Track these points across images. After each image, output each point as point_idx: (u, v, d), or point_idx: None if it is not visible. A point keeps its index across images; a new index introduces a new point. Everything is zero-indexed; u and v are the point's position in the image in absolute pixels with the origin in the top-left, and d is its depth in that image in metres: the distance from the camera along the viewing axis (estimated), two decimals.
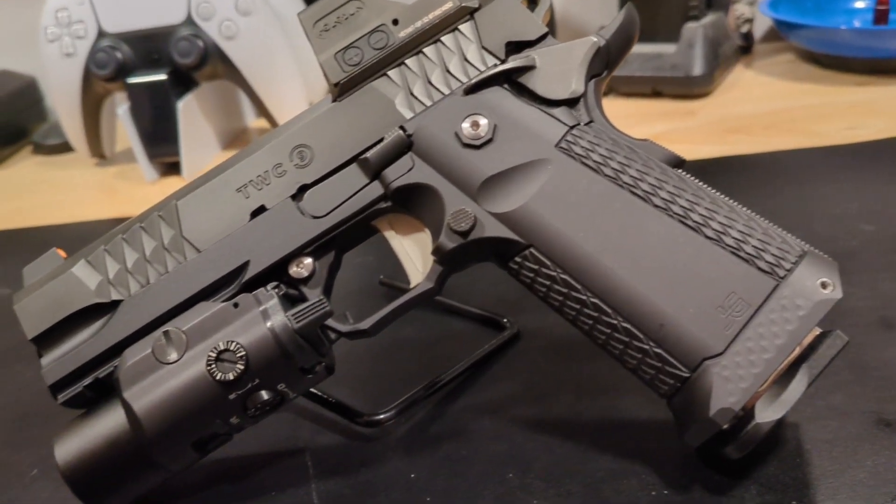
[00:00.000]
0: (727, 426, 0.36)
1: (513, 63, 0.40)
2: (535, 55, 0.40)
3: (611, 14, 0.96)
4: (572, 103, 0.40)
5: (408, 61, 0.42)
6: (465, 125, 0.40)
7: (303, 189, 0.41)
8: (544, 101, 0.40)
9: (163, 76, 0.84)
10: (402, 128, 0.41)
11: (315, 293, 0.41)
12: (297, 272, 0.41)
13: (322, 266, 0.42)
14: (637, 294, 0.37)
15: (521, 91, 0.40)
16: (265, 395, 0.39)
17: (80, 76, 0.86)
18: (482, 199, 0.39)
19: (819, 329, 0.37)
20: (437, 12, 0.41)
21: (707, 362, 0.36)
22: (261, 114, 0.89)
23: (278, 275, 0.41)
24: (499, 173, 0.39)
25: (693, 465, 0.40)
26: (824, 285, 0.36)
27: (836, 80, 0.89)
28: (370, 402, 0.47)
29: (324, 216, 0.41)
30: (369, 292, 0.60)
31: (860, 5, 1.00)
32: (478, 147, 0.40)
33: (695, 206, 0.38)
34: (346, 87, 0.42)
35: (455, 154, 0.40)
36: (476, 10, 0.42)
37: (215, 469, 0.44)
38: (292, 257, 0.41)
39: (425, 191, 0.40)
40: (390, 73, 0.42)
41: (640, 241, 0.37)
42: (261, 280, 0.41)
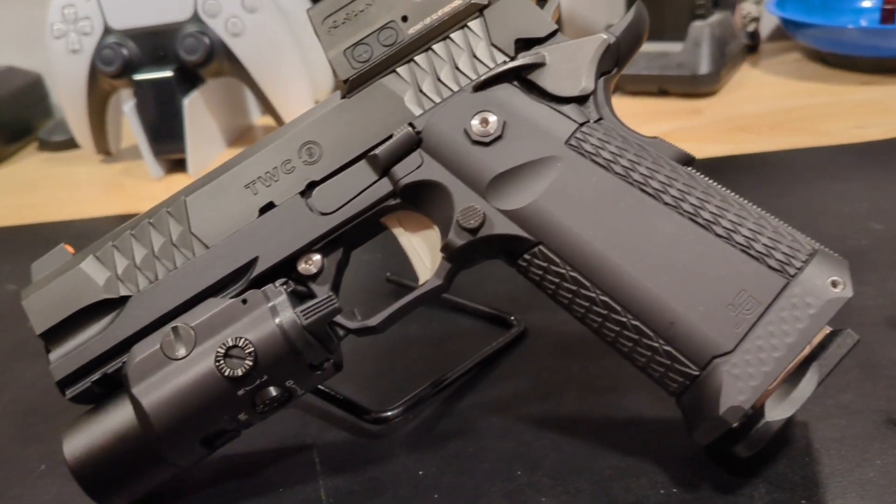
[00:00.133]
0: (737, 424, 0.36)
1: (522, 60, 0.40)
2: (545, 52, 0.40)
3: (617, 13, 0.96)
4: (582, 100, 0.40)
5: (417, 58, 0.41)
6: (475, 122, 0.40)
7: (311, 186, 0.41)
8: (554, 99, 0.40)
9: (169, 73, 0.84)
10: (411, 125, 0.41)
11: (323, 290, 0.41)
12: (305, 269, 0.41)
13: (330, 263, 0.41)
14: (647, 291, 0.37)
15: (530, 88, 0.40)
16: (273, 391, 0.39)
17: (87, 73, 0.86)
18: (491, 196, 0.39)
19: (829, 327, 0.37)
20: (446, 9, 0.41)
21: (717, 360, 0.36)
22: (266, 111, 0.89)
23: (287, 271, 0.41)
24: (508, 170, 0.39)
25: (702, 464, 0.39)
26: (835, 284, 0.36)
27: (843, 79, 0.89)
28: (377, 400, 0.47)
29: (332, 213, 0.41)
30: (376, 290, 0.60)
31: (867, 4, 1.00)
32: (487, 144, 0.40)
33: (705, 204, 0.38)
34: (355, 83, 0.42)
35: (464, 151, 0.40)
36: (485, 6, 0.41)
37: (223, 465, 0.44)
38: (301, 254, 0.41)
39: (434, 188, 0.40)
40: (399, 69, 0.42)
41: (650, 239, 0.37)
42: (269, 276, 0.41)
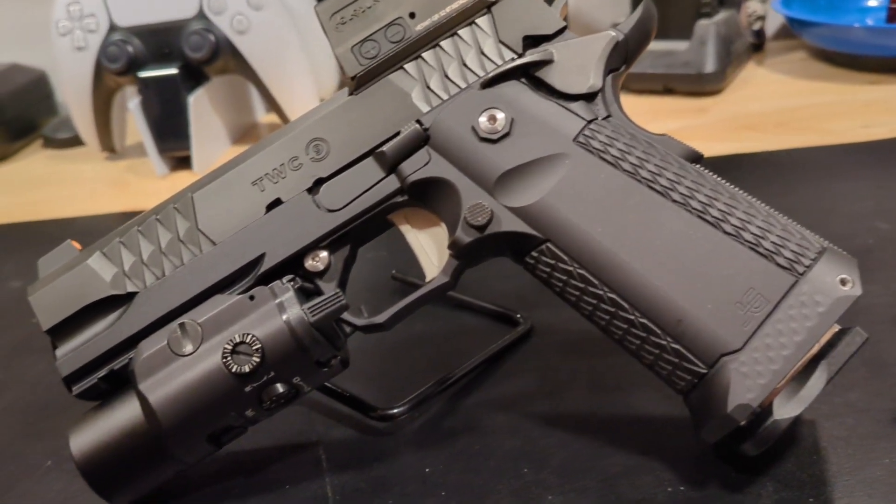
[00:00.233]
0: (744, 422, 0.36)
1: (530, 57, 0.40)
2: (553, 49, 0.40)
3: (622, 11, 0.96)
4: (590, 98, 0.40)
5: (424, 55, 0.41)
6: (482, 119, 0.40)
7: (319, 182, 0.41)
8: (562, 96, 0.40)
9: (174, 70, 0.84)
10: (418, 121, 0.41)
11: (330, 287, 0.41)
12: (312, 265, 0.41)
13: (337, 260, 0.41)
14: (655, 289, 0.37)
15: (538, 85, 0.40)
16: (280, 388, 0.38)
17: (92, 70, 0.86)
18: (499, 194, 0.39)
19: (838, 326, 0.37)
20: (454, 6, 0.41)
21: (725, 358, 0.36)
22: (271, 109, 0.89)
23: (294, 268, 0.41)
24: (516, 167, 0.39)
25: (709, 462, 0.39)
26: (843, 282, 0.36)
27: (849, 78, 0.89)
28: (383, 397, 0.46)
29: (339, 210, 0.41)
30: (382, 287, 0.60)
31: (873, 4, 1.00)
32: (495, 141, 0.40)
33: (713, 202, 0.37)
34: (362, 80, 0.41)
35: (472, 148, 0.40)
36: (493, 3, 0.41)
37: (229, 462, 0.44)
38: (308, 250, 0.41)
39: (442, 185, 0.40)
40: (407, 66, 0.41)
41: (659, 237, 0.37)
42: (276, 273, 0.41)
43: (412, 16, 0.41)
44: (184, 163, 0.89)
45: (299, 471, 0.43)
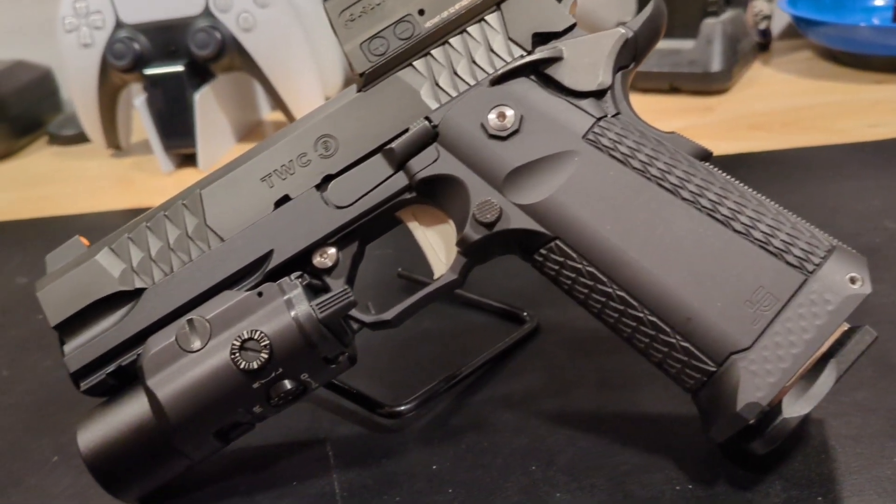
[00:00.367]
0: (753, 421, 0.36)
1: (540, 54, 0.40)
2: (563, 46, 0.40)
3: (628, 9, 0.96)
4: (599, 95, 0.40)
5: (434, 52, 0.41)
6: (492, 116, 0.40)
7: (327, 179, 0.41)
8: (571, 93, 0.40)
9: (180, 67, 0.84)
10: (427, 118, 0.40)
11: (338, 283, 0.41)
12: (320, 262, 0.41)
13: (345, 256, 0.41)
14: (664, 287, 0.37)
15: (547, 82, 0.40)
16: (288, 384, 0.38)
17: (98, 67, 0.86)
18: (508, 191, 0.39)
19: (847, 324, 0.37)
20: (463, 2, 0.41)
21: (734, 356, 0.36)
22: (277, 106, 0.89)
23: (302, 264, 0.41)
24: (525, 164, 0.39)
25: (717, 460, 0.39)
26: (853, 280, 0.36)
27: (856, 77, 0.88)
28: (390, 394, 0.46)
29: (348, 206, 0.41)
30: (387, 285, 0.59)
31: (879, 3, 1.00)
32: (504, 138, 0.39)
33: (723, 200, 0.37)
34: (371, 77, 0.41)
35: (481, 145, 0.40)
36: (503, 0, 0.41)
37: (237, 458, 0.44)
38: (316, 247, 0.41)
39: (450, 182, 0.40)
40: (416, 63, 0.41)
41: (668, 234, 0.37)
42: (284, 269, 0.41)
43: (421, 13, 0.41)
44: (189, 160, 0.89)
45: (307, 467, 0.43)
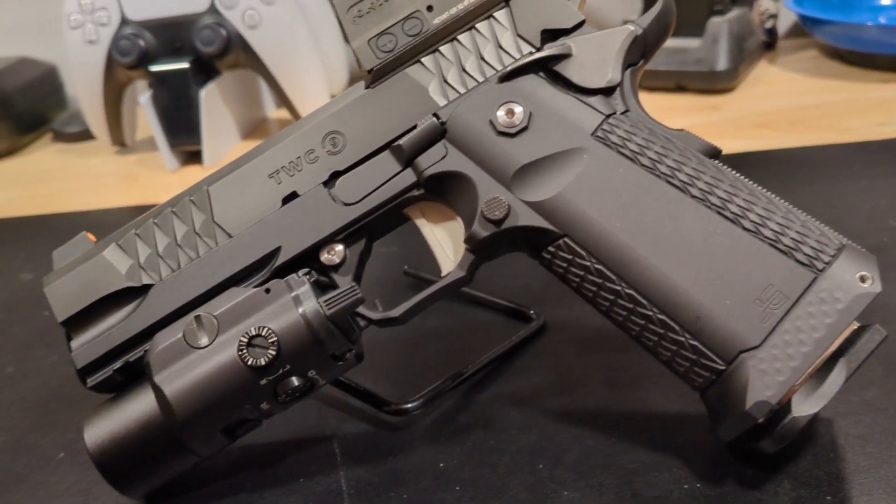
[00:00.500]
0: (762, 419, 0.36)
1: (548, 51, 0.40)
2: (572, 43, 0.40)
3: (634, 7, 0.96)
4: (608, 92, 0.40)
5: (442, 48, 0.41)
6: (500, 113, 0.40)
7: (335, 176, 0.41)
8: (580, 90, 0.40)
9: (185, 64, 0.84)
10: (435, 115, 0.40)
11: (346, 280, 0.41)
12: (328, 259, 0.41)
13: (353, 253, 0.41)
14: (673, 285, 0.37)
15: (556, 79, 0.40)
16: (296, 381, 0.38)
17: (103, 63, 0.85)
18: (516, 188, 0.39)
19: (857, 323, 0.37)
20: None
21: (743, 355, 0.36)
22: (282, 104, 0.89)
23: (309, 261, 0.41)
24: (533, 161, 0.39)
25: (726, 459, 0.39)
26: (863, 279, 0.36)
27: (862, 76, 0.88)
28: (396, 392, 0.46)
29: (356, 203, 0.41)
30: (393, 282, 0.59)
31: (886, 2, 0.99)
32: (512, 135, 0.39)
33: (732, 198, 0.37)
34: (379, 73, 0.41)
35: (489, 142, 0.40)
36: None
37: (243, 455, 0.44)
38: (324, 244, 0.41)
39: (459, 179, 0.40)
40: (424, 59, 0.41)
41: (677, 232, 0.37)
42: (292, 266, 0.41)
43: (430, 9, 0.41)
44: (194, 157, 0.89)
45: (313, 464, 0.43)
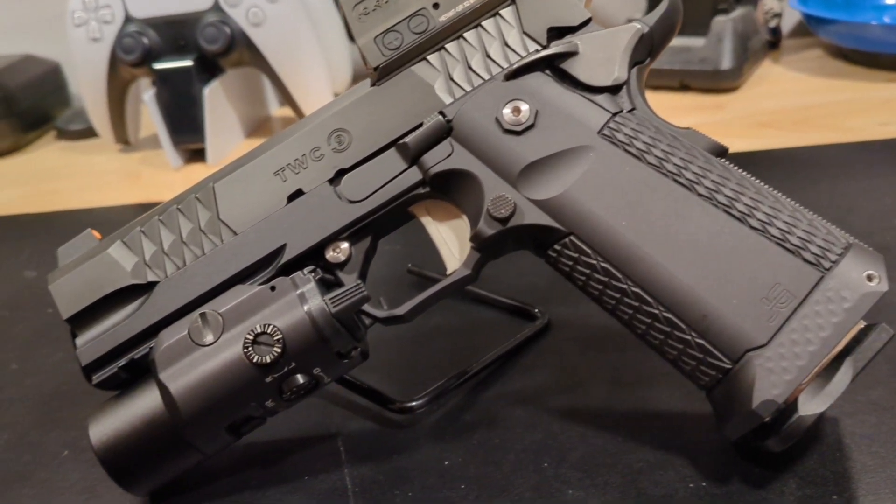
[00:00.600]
0: (769, 418, 0.35)
1: (555, 49, 0.40)
2: (578, 41, 0.40)
3: (638, 6, 0.96)
4: (615, 90, 0.40)
5: (448, 46, 0.41)
6: (506, 111, 0.39)
7: (340, 173, 0.41)
8: (586, 88, 0.40)
9: (189, 62, 0.84)
10: (441, 113, 0.40)
11: (351, 278, 0.41)
12: (333, 256, 0.41)
13: (358, 251, 0.41)
14: (679, 284, 0.37)
15: (562, 77, 0.40)
16: (301, 378, 0.38)
17: (107, 61, 0.85)
18: (522, 186, 0.39)
19: (864, 322, 0.36)
20: None
21: (750, 354, 0.36)
22: (285, 102, 0.89)
23: (314, 259, 0.41)
24: (540, 160, 0.39)
25: (731, 458, 0.39)
26: (870, 278, 0.36)
27: (867, 76, 0.88)
28: (401, 390, 0.46)
29: (361, 201, 0.41)
30: (398, 280, 0.59)
31: (890, 1, 0.99)
32: (519, 133, 0.39)
33: (739, 196, 0.37)
34: (385, 71, 0.41)
35: (495, 140, 0.39)
36: None
37: (248, 453, 0.44)
38: (329, 241, 0.41)
39: (464, 177, 0.40)
40: (430, 57, 0.41)
41: (684, 230, 0.37)
42: (297, 264, 0.41)
43: (436, 6, 0.41)
44: (198, 155, 0.89)
45: (318, 462, 0.43)
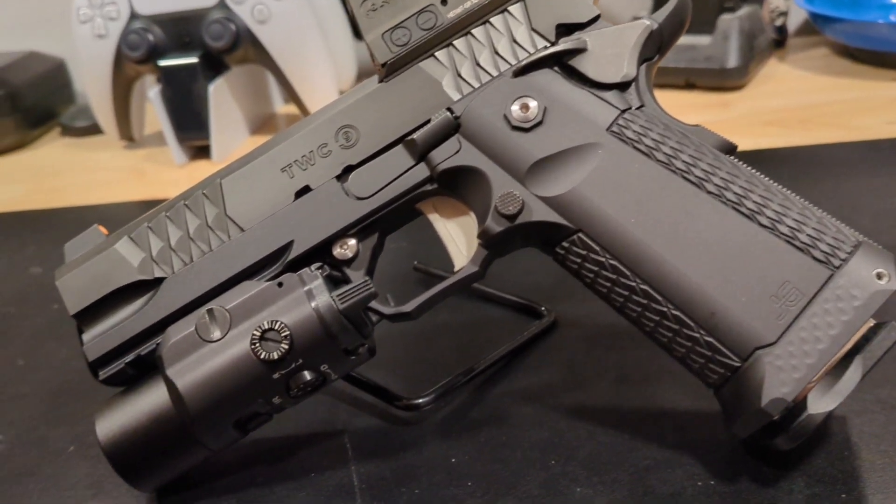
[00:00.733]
0: (778, 417, 0.35)
1: (563, 45, 0.40)
2: (587, 38, 0.40)
3: (643, 4, 0.95)
4: (624, 87, 0.39)
5: (456, 42, 0.41)
6: (515, 107, 0.39)
7: (348, 170, 0.41)
8: (595, 85, 0.39)
9: (194, 59, 0.84)
10: (449, 109, 0.40)
11: (358, 275, 0.41)
12: (340, 253, 0.41)
13: (366, 248, 0.41)
14: (688, 281, 0.36)
15: (571, 74, 0.40)
16: (308, 375, 0.38)
17: (112, 58, 0.85)
18: (530, 183, 0.39)
19: (873, 320, 0.36)
20: None
21: (759, 352, 0.35)
22: (290, 99, 0.89)
23: (322, 255, 0.41)
24: (548, 156, 0.39)
25: (739, 456, 0.39)
26: (880, 276, 0.36)
27: (873, 74, 0.88)
28: (407, 387, 0.46)
29: (368, 197, 0.41)
30: (403, 278, 0.59)
31: None
32: (527, 130, 0.39)
33: (749, 194, 0.37)
34: (392, 67, 0.41)
35: (503, 136, 0.39)
36: None
37: (255, 449, 0.44)
38: (336, 238, 0.41)
39: (472, 173, 0.40)
40: (438, 54, 0.41)
41: (693, 228, 0.37)
42: (304, 260, 0.41)
43: (444, 3, 0.41)
44: (203, 152, 0.88)
45: (324, 459, 0.43)
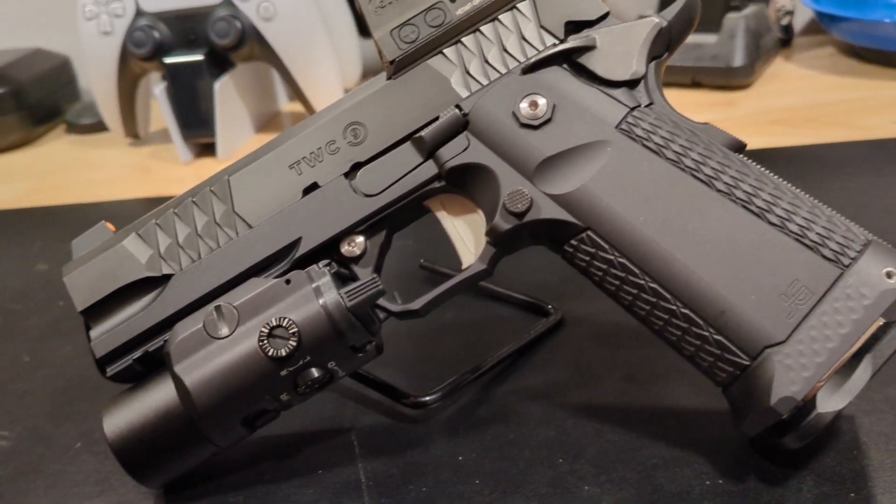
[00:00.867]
0: (787, 415, 0.35)
1: (572, 43, 0.40)
2: (596, 35, 0.40)
3: (650, 2, 0.95)
4: (633, 85, 0.39)
5: (464, 39, 0.41)
6: (523, 105, 0.39)
7: (356, 167, 0.41)
8: (604, 82, 0.39)
9: (200, 56, 0.84)
10: (457, 106, 0.40)
11: (366, 272, 0.41)
12: (348, 250, 0.41)
13: (373, 245, 0.41)
14: (698, 280, 0.36)
15: (580, 71, 0.40)
16: (316, 372, 0.38)
17: (117, 55, 0.85)
18: (539, 181, 0.39)
19: (883, 319, 0.36)
20: None
21: (768, 350, 0.35)
22: (296, 96, 0.89)
23: (329, 253, 0.41)
24: (557, 154, 0.39)
25: (748, 455, 0.39)
26: (889, 275, 0.36)
27: (879, 74, 0.88)
28: (415, 384, 0.46)
29: (376, 195, 0.41)
30: (409, 276, 0.59)
31: None
32: (536, 127, 0.39)
33: (758, 192, 0.37)
34: (401, 64, 0.41)
35: (512, 134, 0.39)
36: None
37: (262, 446, 0.44)
38: (344, 235, 0.41)
39: (480, 171, 0.40)
40: (446, 51, 0.41)
41: (702, 226, 0.37)
42: (312, 257, 0.41)
43: (452, 0, 0.41)
44: (208, 149, 0.88)
45: (332, 456, 0.43)
